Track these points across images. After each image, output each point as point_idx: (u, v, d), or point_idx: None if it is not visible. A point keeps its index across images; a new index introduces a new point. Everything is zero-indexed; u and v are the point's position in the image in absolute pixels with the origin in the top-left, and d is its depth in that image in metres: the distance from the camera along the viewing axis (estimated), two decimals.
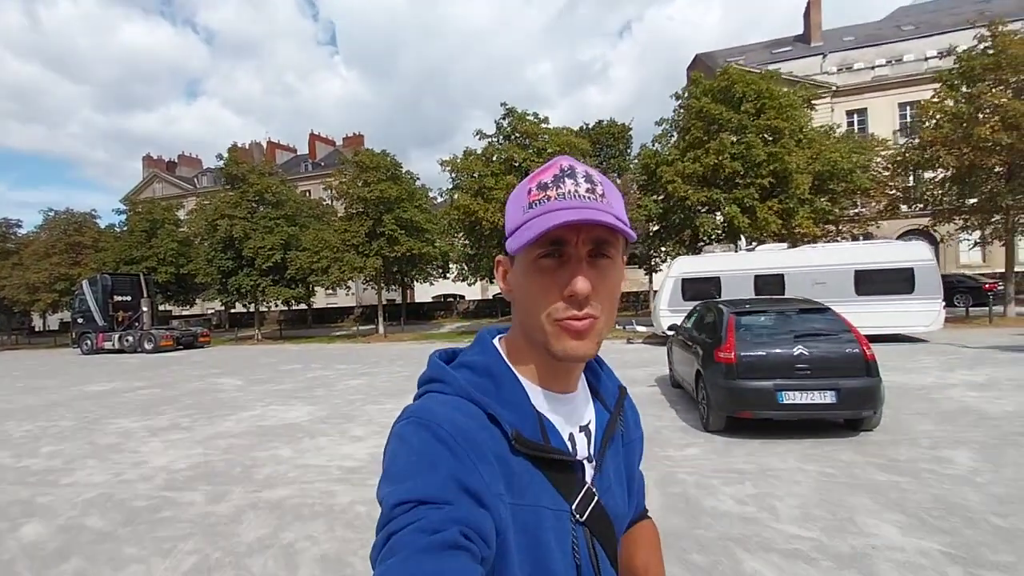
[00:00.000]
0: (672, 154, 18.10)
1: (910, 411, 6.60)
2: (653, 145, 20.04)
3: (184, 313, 40.30)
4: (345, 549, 3.65)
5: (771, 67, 40.98)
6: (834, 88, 36.48)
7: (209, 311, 41.79)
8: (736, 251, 15.44)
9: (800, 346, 5.50)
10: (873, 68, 37.10)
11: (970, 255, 29.57)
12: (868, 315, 13.36)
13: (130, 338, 23.58)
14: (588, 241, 0.62)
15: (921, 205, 18.07)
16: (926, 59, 33.86)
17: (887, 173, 19.28)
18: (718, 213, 17.33)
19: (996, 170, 16.06)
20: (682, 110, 19.08)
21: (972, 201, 17.19)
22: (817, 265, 13.83)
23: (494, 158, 20.48)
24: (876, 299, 13.31)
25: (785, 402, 5.38)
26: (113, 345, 23.79)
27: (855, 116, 36.00)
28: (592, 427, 0.74)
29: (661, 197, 18.73)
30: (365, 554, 3.57)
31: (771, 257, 14.43)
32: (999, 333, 14.28)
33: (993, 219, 17.36)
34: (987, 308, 17.28)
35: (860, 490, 4.23)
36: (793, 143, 16.72)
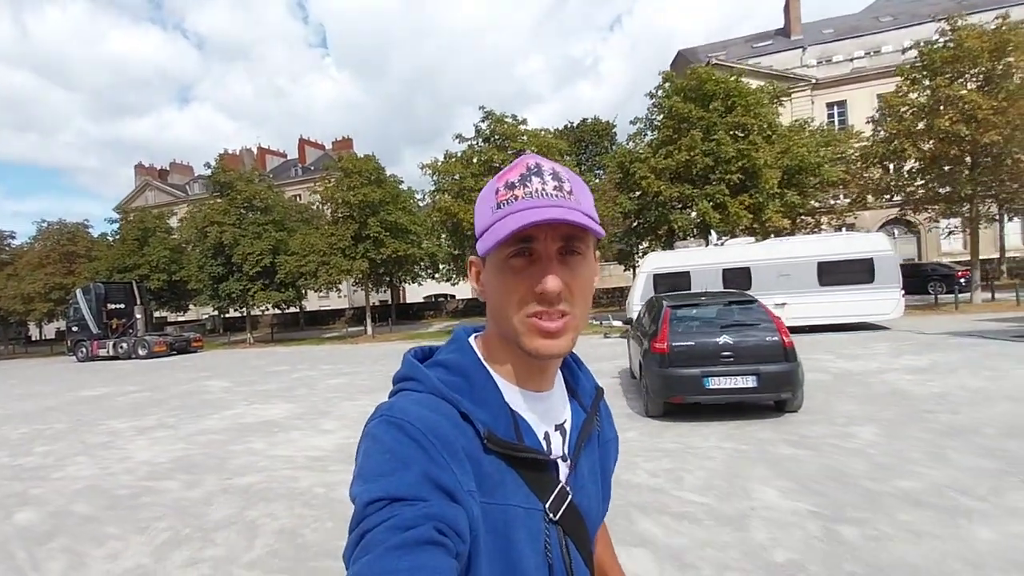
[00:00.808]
0: (645, 152, 18.62)
1: (842, 394, 7.13)
2: (628, 143, 20.57)
3: (180, 319, 40.78)
4: (300, 524, 4.16)
5: (751, 61, 41.50)
6: (814, 81, 37.04)
7: (204, 316, 42.17)
8: (707, 246, 15.95)
9: (725, 336, 6.02)
10: (852, 60, 37.63)
11: (951, 243, 30.15)
12: (831, 305, 13.95)
13: (124, 345, 24.04)
14: (557, 238, 0.62)
15: (888, 196, 18.57)
16: (904, 50, 34.38)
17: (858, 165, 19.81)
18: (692, 209, 17.84)
19: (965, 159, 16.59)
20: (655, 108, 19.60)
21: (945, 190, 17.76)
22: (782, 258, 14.36)
23: (474, 160, 20.98)
24: (839, 289, 13.85)
25: (711, 387, 5.90)
26: (108, 352, 24.24)
27: (835, 108, 36.54)
28: (568, 426, 0.74)
29: (637, 194, 19.24)
30: (317, 527, 4.08)
31: (738, 251, 14.96)
32: (961, 319, 14.79)
33: (963, 208, 17.90)
34: (957, 295, 17.84)
35: (762, 463, 4.75)
36: (761, 139, 17.24)
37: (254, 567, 3.51)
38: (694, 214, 17.87)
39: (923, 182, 17.41)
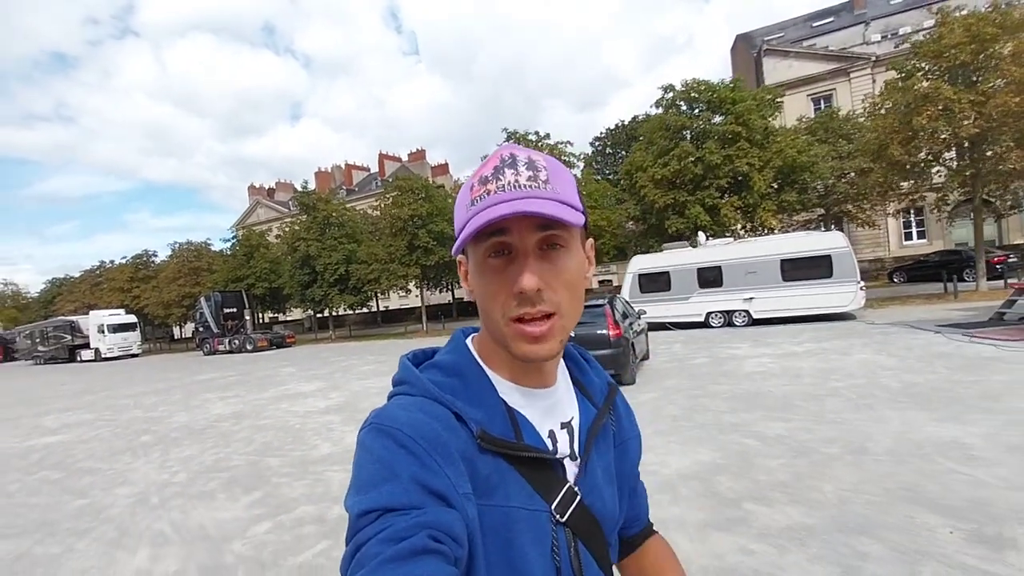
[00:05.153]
0: (646, 161, 20.52)
1: (684, 373, 9.38)
2: (636, 152, 22.49)
3: (286, 319, 47.98)
4: (274, 439, 7.54)
5: (807, 43, 40.57)
6: (873, 58, 35.85)
7: (303, 316, 49.14)
8: (695, 246, 17.73)
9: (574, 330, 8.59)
10: (920, 32, 35.78)
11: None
12: (794, 298, 15.40)
13: (236, 341, 30.01)
14: (534, 230, 0.60)
15: (880, 191, 18.91)
16: None
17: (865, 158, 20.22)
18: (686, 215, 19.54)
19: (948, 153, 16.86)
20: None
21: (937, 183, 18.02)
22: (749, 256, 15.92)
23: None
24: (800, 284, 15.23)
25: None
26: (225, 348, 30.36)
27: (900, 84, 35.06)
28: (575, 424, 0.72)
29: (641, 199, 21.15)
30: (280, 440, 7.40)
31: (712, 252, 16.66)
32: (943, 308, 15.30)
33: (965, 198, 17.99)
34: (956, 284, 17.91)
35: None
36: (748, 145, 18.54)
37: (242, 455, 6.90)
38: (690, 216, 19.54)
39: (913, 178, 17.80)
